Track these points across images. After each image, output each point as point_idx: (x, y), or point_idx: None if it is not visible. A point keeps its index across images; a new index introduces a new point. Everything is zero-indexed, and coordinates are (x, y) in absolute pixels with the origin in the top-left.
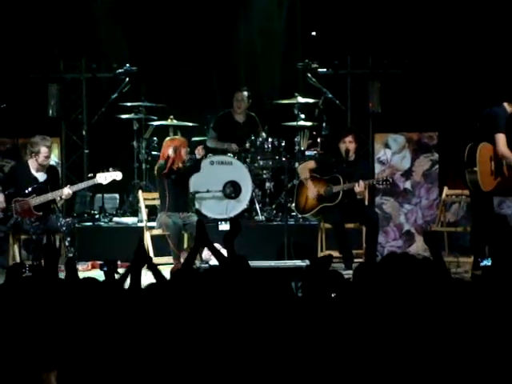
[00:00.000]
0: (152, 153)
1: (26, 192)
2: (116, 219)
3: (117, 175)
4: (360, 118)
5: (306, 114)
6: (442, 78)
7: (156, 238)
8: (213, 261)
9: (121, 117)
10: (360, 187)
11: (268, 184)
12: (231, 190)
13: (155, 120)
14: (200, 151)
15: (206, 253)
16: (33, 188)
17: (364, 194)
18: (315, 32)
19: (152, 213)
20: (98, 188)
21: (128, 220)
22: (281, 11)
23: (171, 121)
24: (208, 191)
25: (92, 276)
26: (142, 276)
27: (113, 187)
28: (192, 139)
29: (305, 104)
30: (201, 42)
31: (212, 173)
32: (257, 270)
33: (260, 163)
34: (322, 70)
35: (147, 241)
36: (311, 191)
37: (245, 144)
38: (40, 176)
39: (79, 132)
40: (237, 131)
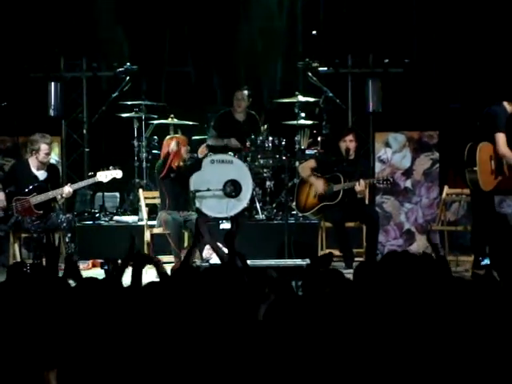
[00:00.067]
0: (152, 151)
1: (27, 190)
2: (116, 218)
3: (117, 173)
4: (360, 117)
5: (307, 113)
6: (443, 77)
7: (156, 237)
8: (213, 259)
9: (121, 115)
10: (361, 186)
11: (268, 183)
12: (231, 189)
13: (156, 119)
14: (203, 150)
15: (207, 251)
16: (33, 186)
17: (364, 193)
18: (316, 31)
19: (152, 211)
20: (99, 187)
21: (128, 219)
22: (281, 10)
23: (172, 119)
24: (208, 190)
25: (92, 275)
26: (143, 275)
27: (113, 186)
28: (192, 138)
29: (305, 103)
30: (201, 41)
31: (212, 171)
32: (257, 269)
33: (260, 162)
34: (323, 69)
35: (148, 239)
36: (318, 185)
37: (245, 143)
38: (40, 174)
39: (80, 131)
40: (237, 130)
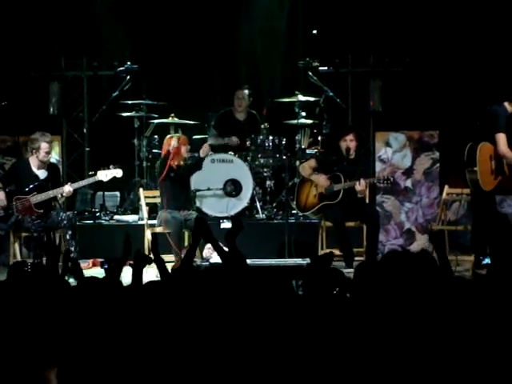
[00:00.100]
0: (153, 151)
1: (27, 190)
2: (117, 217)
3: (117, 172)
4: (361, 117)
5: (307, 113)
6: (443, 77)
7: (157, 236)
8: (213, 259)
9: (122, 115)
10: (361, 186)
11: (269, 182)
12: (232, 188)
13: (156, 118)
14: (206, 150)
15: (207, 251)
16: (34, 186)
17: (365, 193)
18: (316, 30)
19: (153, 211)
20: (99, 186)
21: (129, 218)
22: (282, 10)
23: (172, 119)
24: (209, 189)
25: (93, 274)
26: (144, 274)
27: (113, 185)
28: (193, 137)
29: (306, 102)
30: (202, 40)
31: (213, 171)
32: (257, 269)
33: (261, 161)
34: (323, 69)
35: (148, 238)
36: (320, 180)
37: (245, 142)
38: (41, 173)
39: (80, 130)
40: (238, 129)
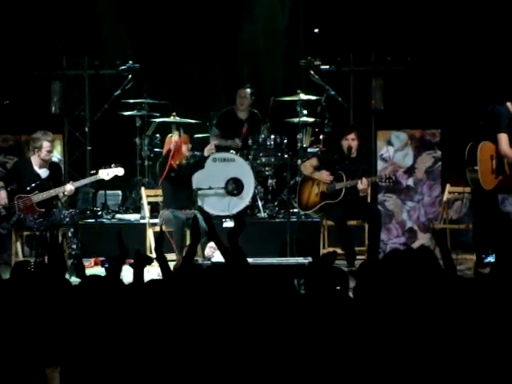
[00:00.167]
0: (154, 150)
1: (29, 189)
2: (118, 216)
3: (119, 171)
4: (362, 115)
5: (309, 111)
6: (445, 76)
7: (163, 235)
8: (215, 258)
9: (123, 114)
10: (363, 184)
11: (270, 181)
12: (233, 187)
13: (158, 117)
14: (211, 149)
15: (209, 250)
16: (35, 184)
17: (367, 192)
18: (318, 29)
19: (154, 209)
20: (101, 185)
21: (130, 217)
22: (283, 9)
23: (174, 118)
24: (210, 188)
25: (95, 273)
26: (145, 273)
27: (115, 184)
28: (195, 136)
29: (307, 101)
30: (204, 39)
31: (214, 170)
32: (259, 267)
33: (262, 160)
34: (325, 67)
35: (150, 237)
36: (323, 177)
37: (247, 141)
38: (42, 172)
39: (82, 129)
40: (239, 128)
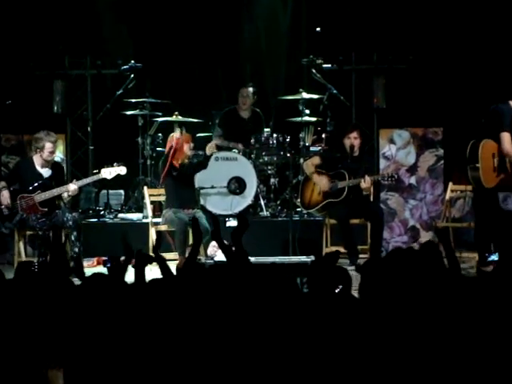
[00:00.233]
0: (157, 149)
1: (31, 188)
2: (121, 215)
3: (121, 170)
4: (365, 114)
5: (311, 110)
6: (447, 74)
7: (161, 237)
8: (218, 257)
9: (126, 113)
10: (366, 183)
11: (273, 180)
12: (236, 186)
13: (160, 116)
14: (212, 147)
15: (211, 249)
16: (38, 184)
17: (370, 190)
18: (320, 28)
19: (157, 209)
20: (103, 184)
21: (133, 216)
22: (285, 8)
23: (176, 117)
24: (213, 187)
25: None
26: (147, 272)
27: (118, 183)
28: (197, 135)
29: (309, 100)
30: (206, 38)
31: (217, 169)
32: (261, 266)
33: (265, 159)
34: (327, 66)
35: (152, 237)
36: (321, 183)
37: (250, 140)
38: (45, 172)
39: (84, 128)
40: (242, 128)
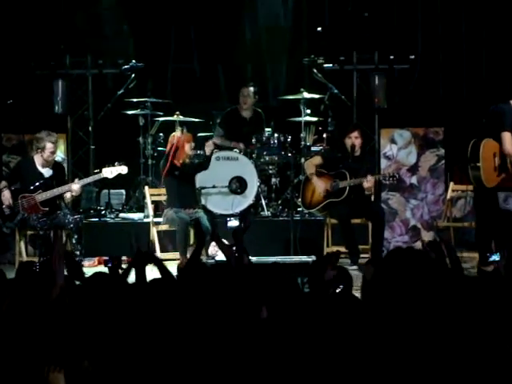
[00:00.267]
0: (158, 149)
1: (32, 188)
2: (122, 215)
3: (122, 169)
4: (366, 114)
5: (312, 110)
6: (449, 74)
7: (162, 234)
8: (219, 256)
9: (127, 113)
10: (369, 182)
11: (274, 179)
12: (237, 186)
13: (161, 116)
14: (210, 146)
15: (212, 248)
16: (39, 183)
17: (373, 190)
18: (321, 28)
19: (158, 208)
20: (104, 184)
21: (134, 216)
22: (286, 7)
23: (177, 117)
24: (214, 187)
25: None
26: (148, 272)
27: (119, 183)
28: (198, 135)
29: (310, 99)
30: (207, 38)
31: (218, 168)
32: (262, 266)
33: (266, 159)
34: (328, 66)
35: (154, 236)
36: (319, 187)
37: (251, 140)
38: (46, 172)
39: (85, 128)
40: (243, 127)
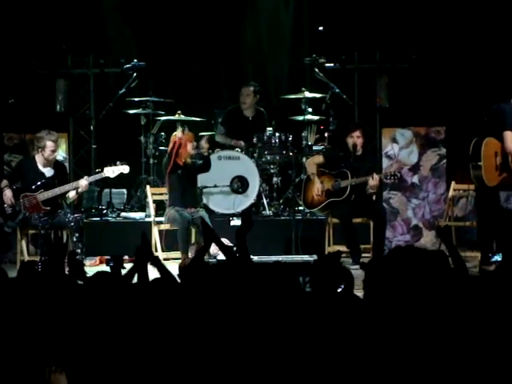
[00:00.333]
0: (159, 148)
1: (34, 187)
2: (124, 214)
3: (124, 169)
4: (367, 113)
5: (314, 109)
6: (450, 73)
7: (164, 233)
8: (221, 256)
9: (128, 112)
10: (374, 180)
11: (275, 179)
12: (239, 185)
13: (163, 115)
14: (204, 144)
15: (214, 247)
16: (41, 183)
17: (377, 188)
18: (322, 27)
19: (160, 208)
20: (106, 183)
21: (136, 215)
22: (287, 6)
23: (179, 116)
24: (215, 186)
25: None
26: (149, 271)
27: (120, 182)
28: (199, 134)
29: (312, 99)
30: (208, 37)
31: (219, 168)
32: (264, 265)
33: (267, 158)
34: (330, 65)
35: (155, 236)
36: (317, 187)
37: (253, 139)
38: (47, 171)
39: (87, 127)
40: (245, 126)
